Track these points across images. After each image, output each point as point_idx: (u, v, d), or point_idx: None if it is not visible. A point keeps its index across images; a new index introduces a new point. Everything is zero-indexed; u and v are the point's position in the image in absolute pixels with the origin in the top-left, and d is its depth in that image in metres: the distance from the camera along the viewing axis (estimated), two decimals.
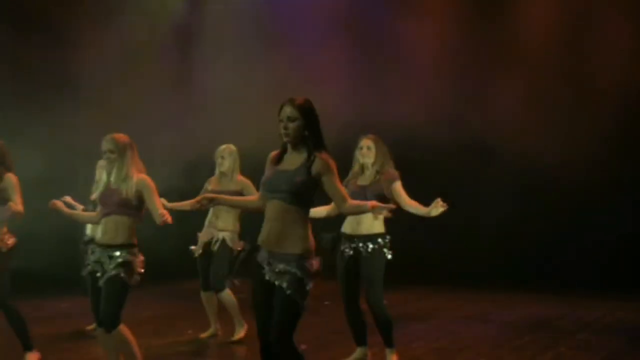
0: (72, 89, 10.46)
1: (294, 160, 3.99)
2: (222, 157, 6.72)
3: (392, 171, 5.69)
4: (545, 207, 10.36)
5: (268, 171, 4.07)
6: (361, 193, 5.53)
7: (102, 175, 6.98)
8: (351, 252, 5.59)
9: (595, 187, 10.02)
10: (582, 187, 10.04)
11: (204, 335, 6.96)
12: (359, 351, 5.77)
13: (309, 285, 3.88)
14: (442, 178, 10.72)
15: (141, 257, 4.84)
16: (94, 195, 7.00)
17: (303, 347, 6.08)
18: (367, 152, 5.68)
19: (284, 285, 3.83)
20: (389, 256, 5.61)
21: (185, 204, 6.21)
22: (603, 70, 9.79)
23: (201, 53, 10.93)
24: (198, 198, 4.20)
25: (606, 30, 9.94)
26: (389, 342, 5.67)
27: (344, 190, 4.03)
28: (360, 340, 5.75)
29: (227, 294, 6.71)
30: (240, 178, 6.75)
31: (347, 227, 5.68)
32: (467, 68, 10.61)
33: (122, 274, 4.71)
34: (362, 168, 5.72)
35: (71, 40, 10.54)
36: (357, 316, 5.68)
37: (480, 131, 10.25)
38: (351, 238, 5.62)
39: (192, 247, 6.82)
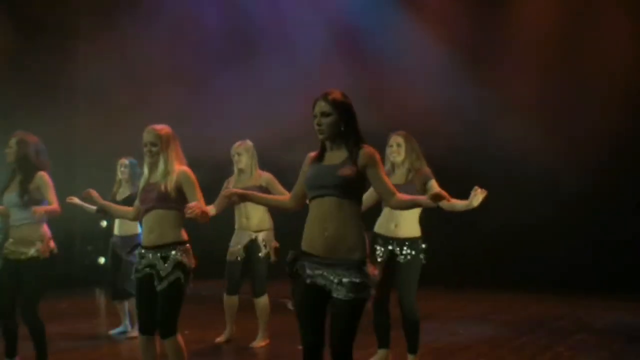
0: (70, 91, 10.48)
1: (336, 156, 3.77)
2: (238, 154, 6.47)
3: (426, 169, 5.53)
4: (545, 208, 10.35)
5: (310, 169, 3.84)
6: None
7: (122, 173, 6.96)
8: (387, 255, 5.47)
9: (596, 187, 10.00)
10: (583, 188, 10.02)
11: (220, 339, 6.80)
12: (381, 353, 5.69)
13: (371, 291, 3.67)
14: (441, 179, 10.71)
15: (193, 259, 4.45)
16: (120, 195, 6.96)
17: (299, 348, 6.11)
18: (396, 149, 5.53)
19: (345, 294, 3.59)
20: (424, 261, 5.53)
21: (215, 206, 6.05)
22: (608, 71, 9.77)
23: (203, 54, 10.92)
24: (226, 192, 4.04)
25: (609, 30, 9.91)
26: (414, 347, 5.54)
27: (390, 183, 3.81)
28: (384, 342, 5.66)
29: (266, 300, 6.54)
30: (261, 173, 6.46)
31: (381, 228, 5.53)
32: (470, 70, 10.57)
33: (181, 277, 4.46)
34: (394, 166, 5.57)
35: (71, 39, 10.56)
36: (385, 318, 5.60)
37: (481, 133, 10.25)
38: (388, 240, 5.49)
39: (232, 257, 6.58)
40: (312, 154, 3.92)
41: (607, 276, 9.92)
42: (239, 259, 6.56)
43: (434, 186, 5.37)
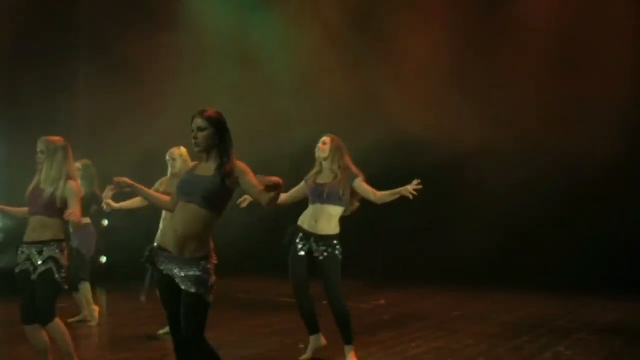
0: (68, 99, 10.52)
1: (210, 168, 4.13)
2: (173, 159, 6.75)
3: (351, 170, 5.79)
4: (545, 208, 10.37)
5: (184, 176, 4.27)
6: (318, 190, 5.75)
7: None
8: (305, 250, 5.73)
9: (595, 188, 10.02)
10: (583, 188, 10.05)
11: (162, 332, 6.88)
12: (314, 338, 5.94)
13: (212, 281, 4.06)
14: (441, 180, 10.72)
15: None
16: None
17: (301, 346, 6.13)
18: (322, 147, 5.83)
19: (189, 286, 3.99)
20: (340, 256, 5.76)
21: (122, 204, 6.45)
22: (611, 67, 9.76)
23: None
24: (117, 179, 4.32)
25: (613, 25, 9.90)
26: (348, 339, 5.77)
27: (258, 185, 4.04)
28: (314, 329, 5.91)
29: None
30: None
31: (304, 222, 5.81)
32: (473, 70, 10.57)
33: (53, 269, 4.86)
34: (322, 167, 5.85)
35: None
36: (310, 307, 5.83)
37: (484, 130, 10.24)
38: (308, 235, 5.75)
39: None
40: (192, 164, 4.40)
41: (607, 276, 9.94)
42: None
43: (360, 186, 5.74)
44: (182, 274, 4.01)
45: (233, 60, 11.10)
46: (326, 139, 5.86)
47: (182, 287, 4.01)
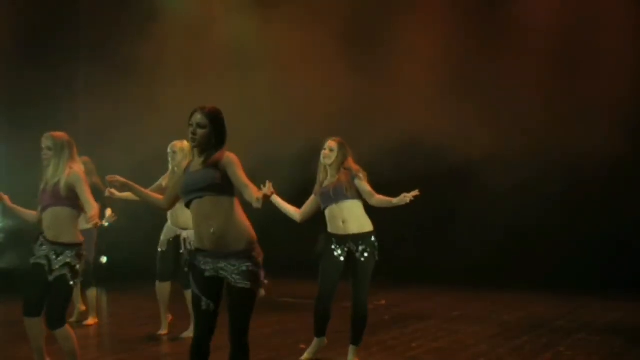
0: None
1: (201, 162, 4.08)
2: (174, 152, 6.76)
3: (351, 168, 5.69)
4: (544, 208, 10.36)
5: (183, 178, 4.16)
6: (325, 193, 5.69)
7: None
8: (344, 255, 5.65)
9: (595, 188, 10.01)
10: (583, 188, 10.04)
11: (162, 332, 6.93)
12: (319, 341, 5.91)
13: (263, 276, 4.04)
14: (441, 180, 10.72)
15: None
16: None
17: (302, 346, 6.14)
18: (329, 153, 5.72)
19: (240, 281, 3.95)
20: (377, 257, 5.71)
21: (125, 194, 6.40)
22: (614, 66, 9.74)
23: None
24: (110, 178, 4.31)
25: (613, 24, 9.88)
26: (357, 340, 5.78)
27: (247, 179, 4.01)
28: (323, 332, 5.88)
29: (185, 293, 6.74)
30: None
31: (332, 227, 5.71)
32: (473, 71, 10.55)
33: (67, 275, 4.83)
34: (327, 172, 5.76)
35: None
36: (328, 313, 5.80)
37: (483, 131, 10.23)
38: (342, 239, 5.66)
39: (161, 247, 6.89)
40: (186, 162, 4.37)
41: (607, 276, 9.93)
42: (162, 249, 6.87)
43: (361, 185, 5.66)
44: (232, 269, 3.96)
45: (234, 61, 11.10)
46: (332, 144, 5.72)
47: (239, 285, 3.95)
